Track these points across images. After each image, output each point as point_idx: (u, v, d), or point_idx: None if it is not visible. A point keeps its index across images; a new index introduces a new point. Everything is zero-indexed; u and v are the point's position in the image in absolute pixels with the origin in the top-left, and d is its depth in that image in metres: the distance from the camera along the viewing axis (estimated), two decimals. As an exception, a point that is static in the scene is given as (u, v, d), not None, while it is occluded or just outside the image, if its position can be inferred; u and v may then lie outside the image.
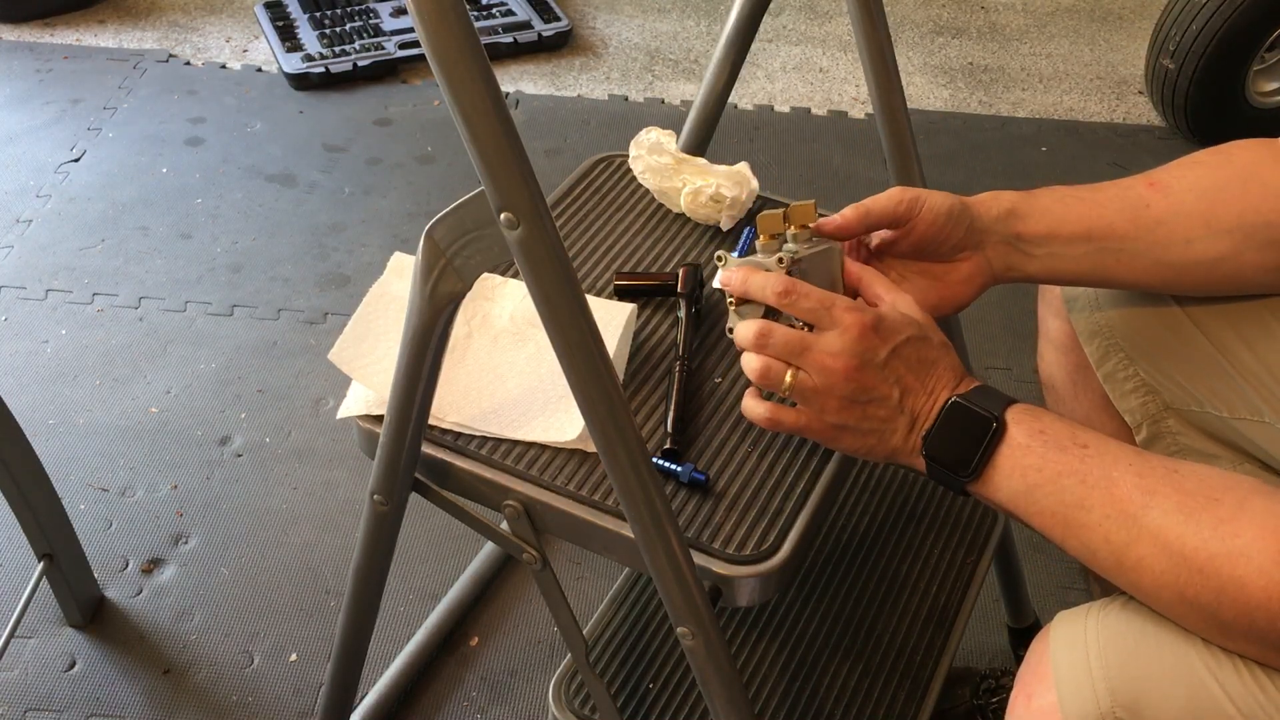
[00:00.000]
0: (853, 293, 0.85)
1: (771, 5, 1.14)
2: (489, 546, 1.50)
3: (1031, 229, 0.87)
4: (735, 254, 0.90)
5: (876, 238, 0.89)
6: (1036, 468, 0.72)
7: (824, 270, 0.84)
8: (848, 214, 0.85)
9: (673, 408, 0.86)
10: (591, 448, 0.82)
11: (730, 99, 1.21)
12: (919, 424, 0.76)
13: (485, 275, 0.88)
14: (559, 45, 2.61)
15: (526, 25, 2.60)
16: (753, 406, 0.80)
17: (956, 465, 0.74)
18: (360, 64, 2.45)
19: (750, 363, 0.78)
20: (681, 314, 0.94)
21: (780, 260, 0.81)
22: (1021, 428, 0.73)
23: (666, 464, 0.82)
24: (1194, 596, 0.65)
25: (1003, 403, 0.75)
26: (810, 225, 0.85)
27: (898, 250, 0.88)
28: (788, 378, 0.77)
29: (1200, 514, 0.65)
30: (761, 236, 0.84)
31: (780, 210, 0.84)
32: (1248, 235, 0.84)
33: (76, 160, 2.20)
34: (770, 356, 0.77)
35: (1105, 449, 0.71)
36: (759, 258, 0.83)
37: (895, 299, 0.81)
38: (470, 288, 0.70)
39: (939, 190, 0.87)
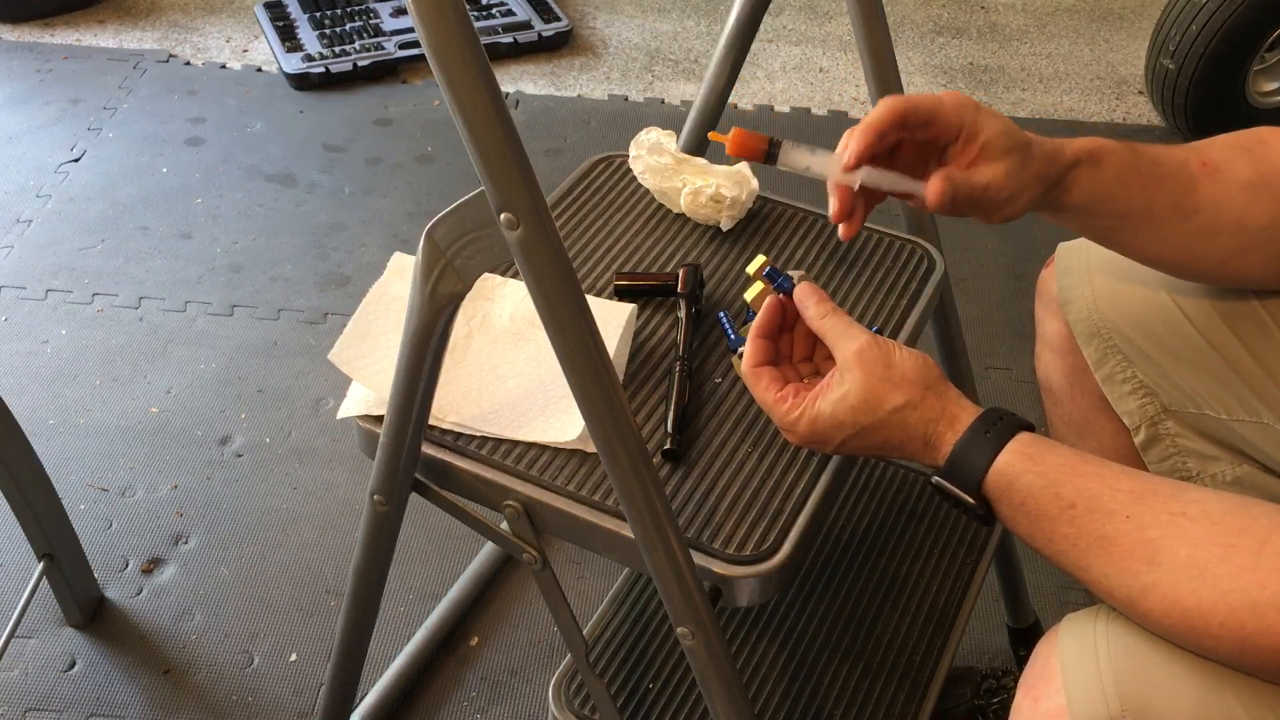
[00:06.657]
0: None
1: (771, 5, 1.14)
2: (489, 546, 1.50)
3: (1073, 199, 0.83)
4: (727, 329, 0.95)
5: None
6: (1027, 535, 0.72)
7: None
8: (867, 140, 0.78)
9: (673, 408, 0.86)
10: (591, 448, 0.82)
11: (730, 99, 1.21)
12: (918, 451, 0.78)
13: (485, 275, 0.88)
14: (559, 45, 2.61)
15: (526, 25, 2.60)
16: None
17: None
18: (360, 64, 2.45)
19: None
20: (681, 314, 0.94)
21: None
22: (1003, 504, 0.72)
23: None
24: (1211, 648, 0.63)
25: (980, 472, 0.72)
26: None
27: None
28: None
29: (1216, 567, 0.63)
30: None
31: (757, 286, 0.89)
32: (1272, 237, 0.83)
33: (76, 160, 2.20)
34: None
35: (1095, 505, 0.68)
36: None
37: (839, 379, 0.78)
38: (470, 288, 0.70)
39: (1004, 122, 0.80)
